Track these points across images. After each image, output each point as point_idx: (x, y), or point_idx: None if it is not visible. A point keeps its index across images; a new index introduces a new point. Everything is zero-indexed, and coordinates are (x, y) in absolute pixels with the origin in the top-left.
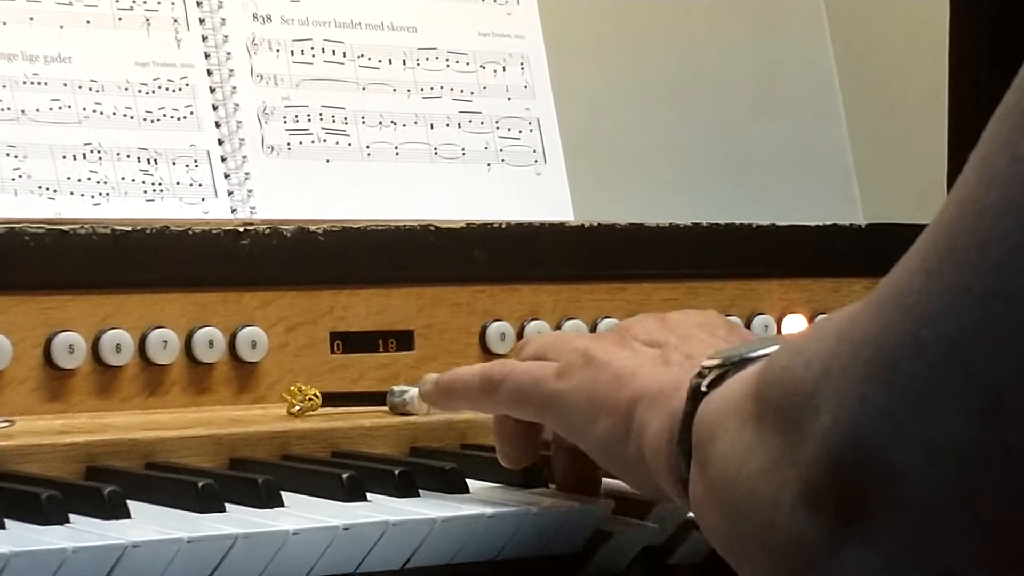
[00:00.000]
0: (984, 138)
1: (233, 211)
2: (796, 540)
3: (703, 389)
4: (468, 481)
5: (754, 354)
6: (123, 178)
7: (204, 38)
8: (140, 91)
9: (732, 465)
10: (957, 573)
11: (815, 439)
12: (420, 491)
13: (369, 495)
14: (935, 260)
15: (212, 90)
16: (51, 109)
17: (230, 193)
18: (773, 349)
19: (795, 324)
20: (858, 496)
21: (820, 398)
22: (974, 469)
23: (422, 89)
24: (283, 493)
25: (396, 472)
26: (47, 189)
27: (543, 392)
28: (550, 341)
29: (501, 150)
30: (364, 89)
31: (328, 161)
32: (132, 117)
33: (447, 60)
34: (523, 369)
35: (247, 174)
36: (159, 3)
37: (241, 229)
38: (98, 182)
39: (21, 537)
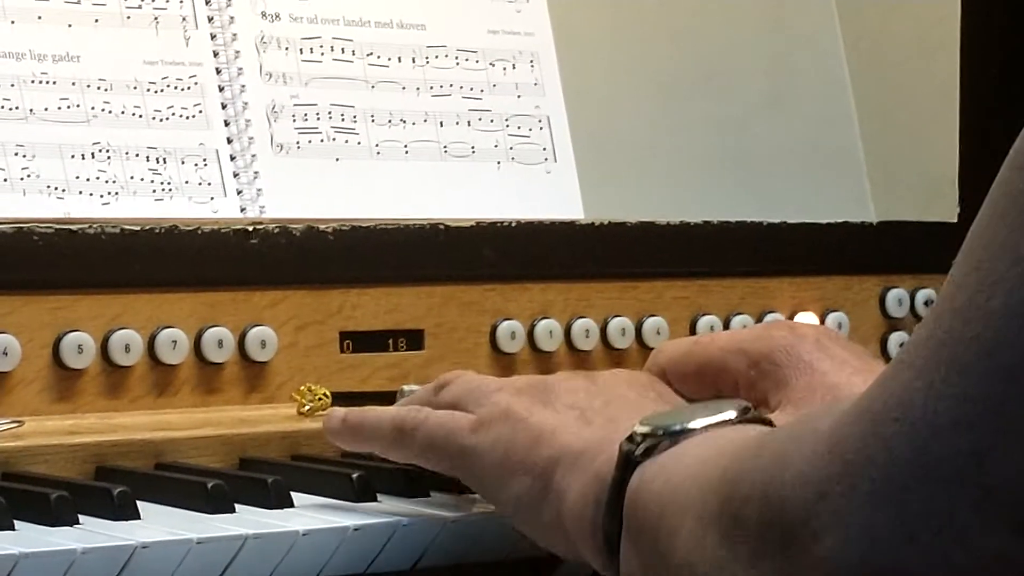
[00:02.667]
0: (973, 243)
1: (242, 210)
2: None
3: (636, 457)
4: None
5: (696, 425)
6: (132, 177)
7: (213, 36)
8: (149, 90)
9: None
10: None
11: (815, 568)
12: (430, 491)
13: (379, 495)
14: (937, 372)
15: (221, 88)
16: (59, 108)
17: (239, 192)
18: (720, 419)
19: (806, 322)
20: None
21: (818, 524)
22: None
23: (431, 87)
24: (293, 493)
25: (406, 472)
26: (56, 188)
27: (456, 446)
28: (468, 390)
29: (511, 148)
30: (373, 87)
31: (337, 160)
32: (141, 116)
33: (456, 58)
34: (437, 420)
35: (256, 173)
36: (167, 1)
37: (250, 228)
38: (107, 181)
39: (30, 538)
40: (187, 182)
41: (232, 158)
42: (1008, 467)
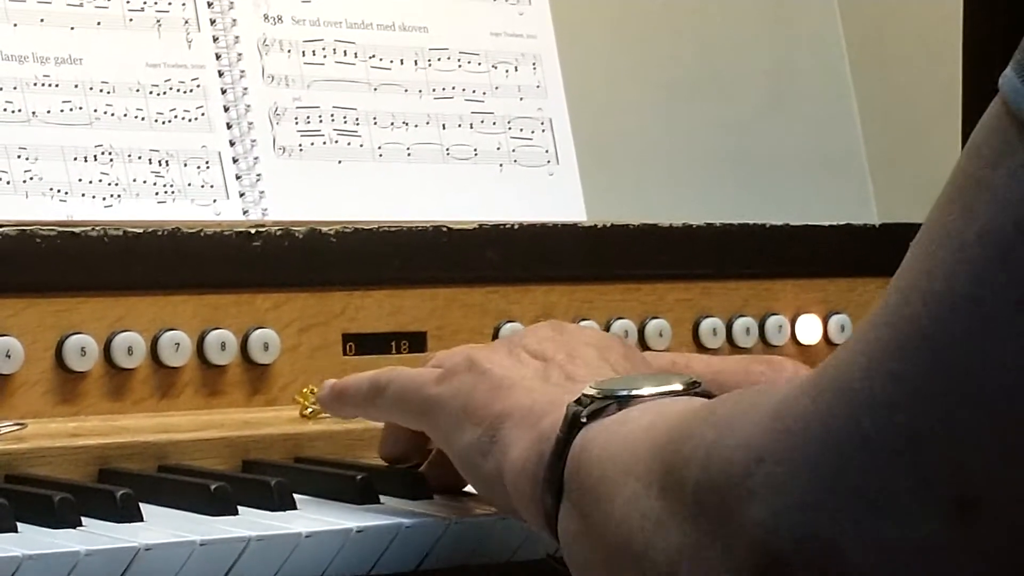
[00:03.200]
0: (926, 225)
1: (245, 212)
2: None
3: (582, 419)
4: None
5: (644, 392)
6: (134, 180)
7: (215, 39)
8: (151, 92)
9: (637, 533)
10: None
11: (748, 530)
12: (433, 493)
13: (382, 497)
14: (877, 349)
15: (223, 91)
16: (62, 111)
17: (242, 194)
18: (667, 389)
19: (809, 324)
20: None
21: (754, 485)
22: (933, 569)
23: (434, 89)
24: (296, 495)
25: (409, 474)
26: (58, 191)
27: (421, 396)
28: (448, 352)
29: (513, 150)
30: (376, 90)
31: (340, 162)
32: (143, 119)
33: (459, 60)
34: (408, 374)
35: (259, 175)
36: (170, 4)
37: (253, 231)
38: (109, 184)
39: (33, 540)
40: (190, 184)
41: (235, 160)
42: (941, 450)
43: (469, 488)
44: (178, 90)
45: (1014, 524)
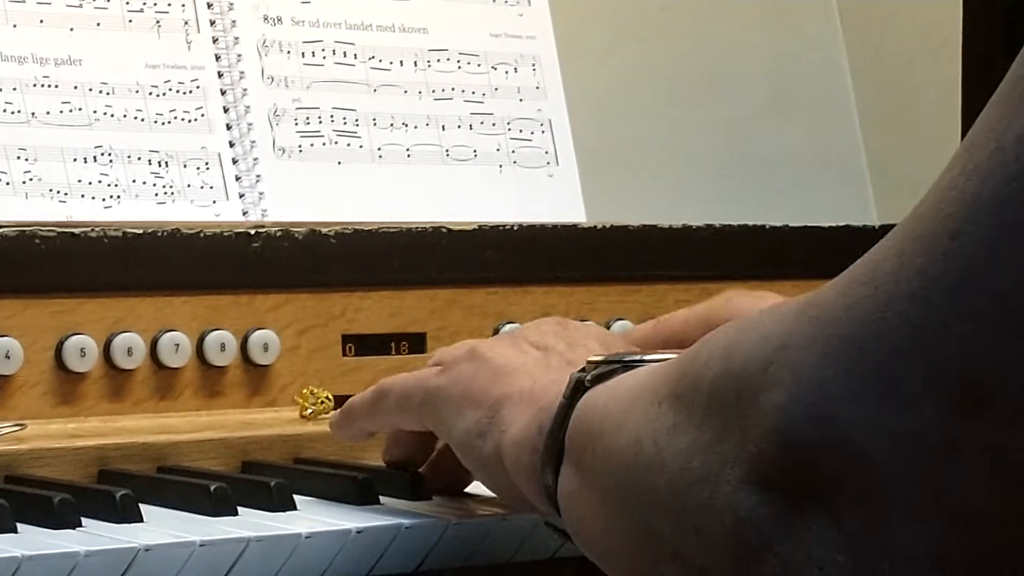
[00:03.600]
0: (974, 127)
1: (244, 213)
2: (742, 519)
3: (586, 383)
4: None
5: (649, 358)
6: (134, 181)
7: (215, 40)
8: (151, 93)
9: (647, 446)
10: (922, 561)
11: (766, 415)
12: (433, 494)
13: (382, 498)
14: (907, 243)
15: (223, 92)
16: (61, 112)
17: (241, 196)
18: (672, 355)
19: None
20: (816, 476)
21: (774, 372)
22: (945, 462)
23: (433, 91)
24: (295, 496)
25: (409, 475)
26: (58, 192)
27: (423, 389)
28: (449, 347)
29: (513, 152)
30: (375, 91)
31: (339, 163)
32: (143, 120)
33: (458, 61)
34: (409, 375)
35: (258, 176)
36: (169, 5)
37: (252, 232)
38: (109, 185)
39: (33, 541)
40: (189, 185)
41: (234, 161)
42: (957, 346)
43: (469, 489)
44: (178, 91)
45: (1022, 421)
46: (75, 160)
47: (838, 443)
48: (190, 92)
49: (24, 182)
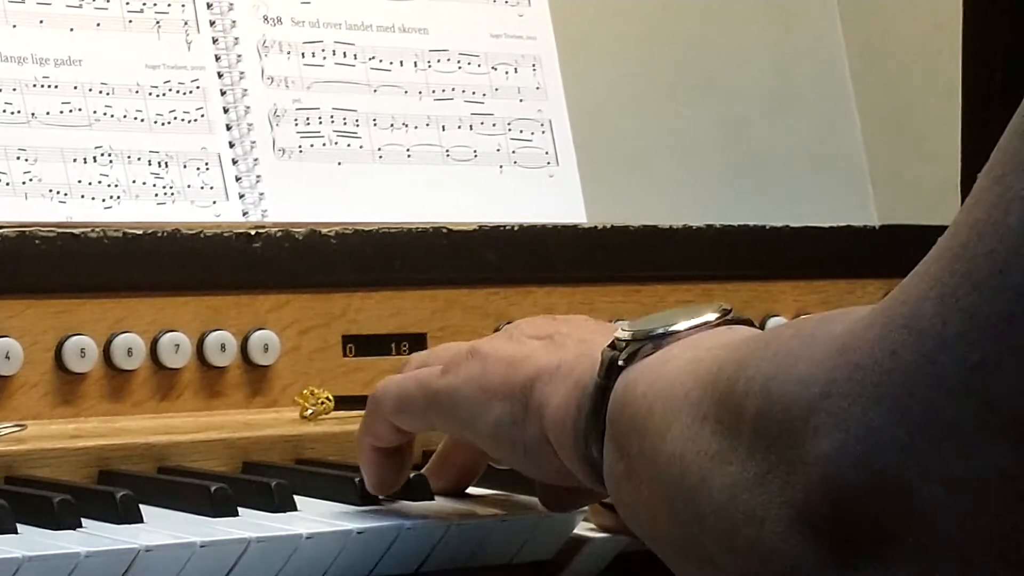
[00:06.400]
0: (998, 157)
1: (245, 214)
2: (790, 567)
3: (620, 363)
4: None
5: (679, 327)
6: (134, 181)
7: (215, 40)
8: (151, 94)
9: (692, 467)
10: None
11: (813, 465)
12: (433, 495)
13: (382, 499)
14: (950, 284)
15: (223, 92)
16: (61, 112)
17: (241, 196)
18: (702, 321)
19: None
20: (867, 526)
21: (819, 422)
22: (1005, 506)
23: (434, 91)
24: (296, 497)
25: (410, 476)
26: (58, 192)
27: (428, 391)
28: (432, 350)
29: (513, 152)
30: (376, 91)
31: (340, 163)
32: (143, 120)
33: (459, 62)
34: (405, 376)
35: (258, 177)
36: (169, 5)
37: (253, 232)
38: (109, 185)
39: (34, 542)
40: (189, 186)
41: (234, 162)
42: (1014, 384)
43: (470, 490)
44: (178, 91)
45: None
46: (75, 160)
47: (891, 492)
48: (190, 92)
49: (24, 183)
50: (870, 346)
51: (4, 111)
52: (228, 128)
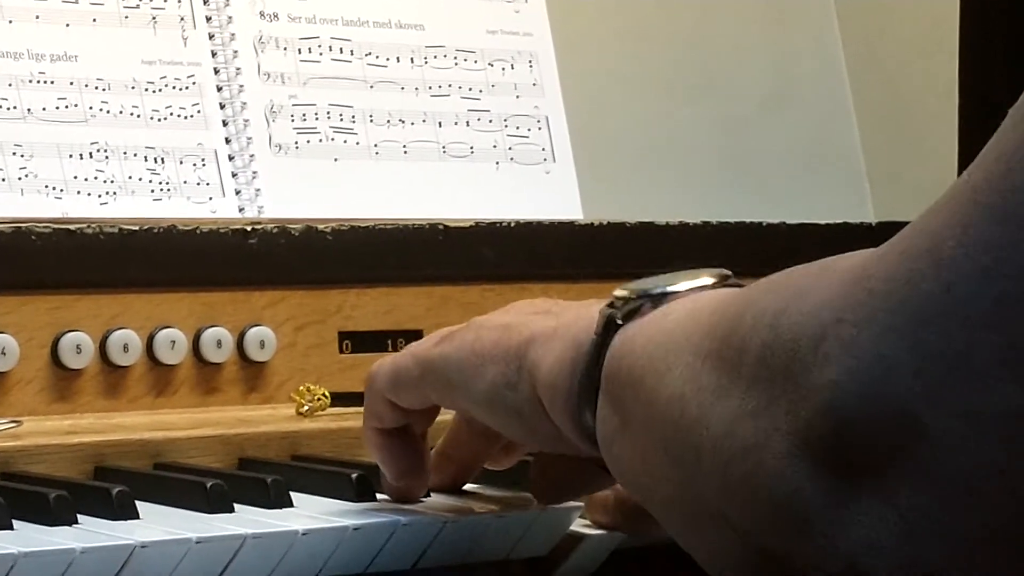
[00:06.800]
0: (1019, 105)
1: (241, 210)
2: (789, 492)
3: (618, 320)
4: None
5: (679, 287)
6: (130, 177)
7: (211, 36)
8: (147, 90)
9: (690, 405)
10: (980, 545)
11: (819, 390)
12: (430, 491)
13: (378, 495)
14: (973, 215)
15: (219, 88)
16: (57, 108)
17: (237, 192)
18: (701, 283)
19: None
20: (870, 454)
21: (828, 348)
22: (1016, 440)
23: (430, 87)
24: (292, 493)
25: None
26: (54, 188)
27: (421, 360)
28: (427, 336)
29: (510, 148)
30: (372, 87)
31: (336, 160)
32: (139, 116)
33: (455, 58)
34: (398, 354)
35: (255, 173)
36: (165, 1)
37: (249, 228)
38: (105, 181)
39: (29, 537)
40: (185, 182)
41: (230, 158)
42: None
43: (466, 487)
44: (174, 87)
45: None
46: (71, 156)
47: (897, 420)
48: (186, 88)
49: (20, 178)
50: (887, 274)
51: (0, 107)
52: (224, 124)
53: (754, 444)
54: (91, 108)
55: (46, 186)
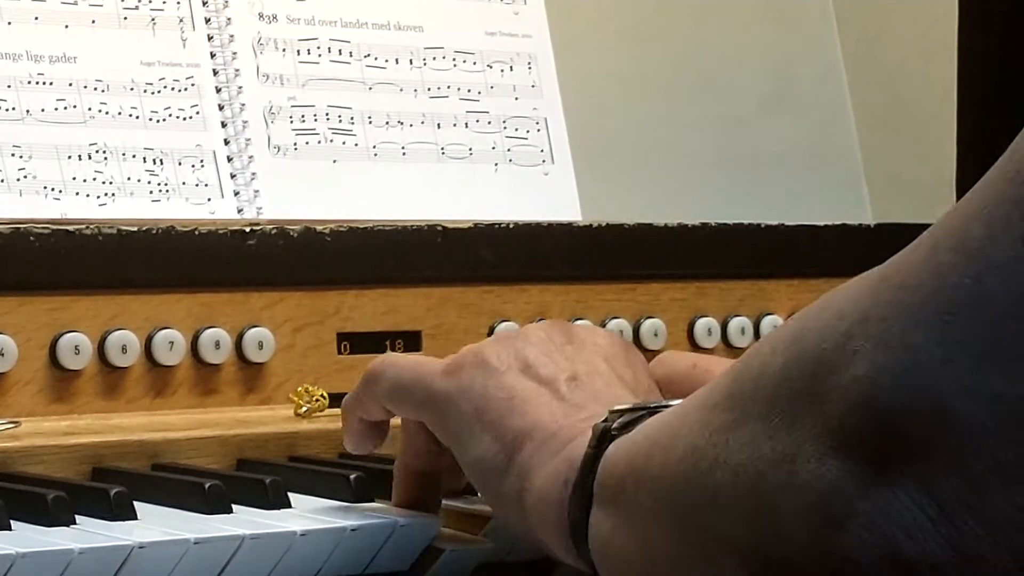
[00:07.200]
0: None
1: (239, 211)
2: (823, 490)
3: (612, 432)
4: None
5: (676, 403)
6: (129, 178)
7: (210, 37)
8: (146, 91)
9: (706, 452)
10: (1018, 527)
11: (848, 389)
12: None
13: (376, 496)
14: (1000, 208)
15: (218, 90)
16: (56, 109)
17: (236, 193)
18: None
19: None
20: (905, 443)
21: (857, 344)
22: None
23: (429, 89)
24: (290, 494)
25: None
26: (52, 189)
27: (426, 387)
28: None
29: (508, 150)
30: (371, 89)
31: (335, 161)
32: (138, 117)
33: (454, 60)
34: (407, 361)
35: (253, 174)
36: (164, 3)
37: (247, 229)
38: (103, 182)
39: (27, 538)
40: (184, 183)
41: (229, 159)
42: None
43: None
44: (173, 89)
45: None
46: (69, 158)
47: (931, 408)
48: (185, 90)
49: (18, 179)
50: (914, 268)
51: None
52: (223, 125)
53: (783, 457)
54: (90, 109)
55: (45, 187)
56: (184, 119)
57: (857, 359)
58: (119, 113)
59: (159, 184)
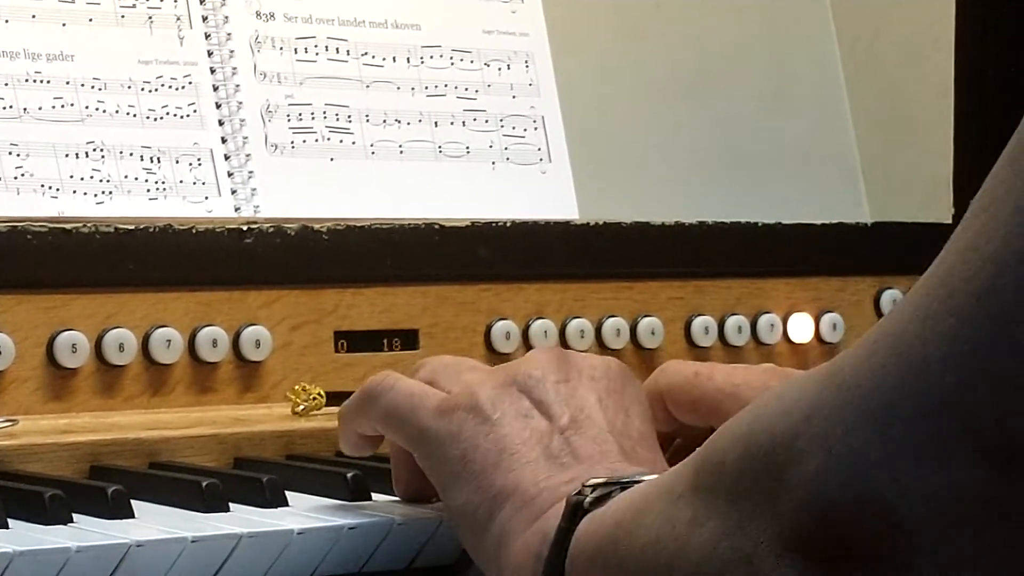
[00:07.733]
0: (987, 185)
1: (237, 210)
2: None
3: (586, 505)
4: None
5: (649, 477)
6: (126, 177)
7: (207, 36)
8: (143, 89)
9: (666, 542)
10: None
11: (799, 487)
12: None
13: (374, 494)
14: (932, 307)
15: (215, 88)
16: (53, 107)
17: (233, 192)
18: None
19: (801, 323)
20: (856, 544)
21: (803, 444)
22: (985, 523)
23: (426, 87)
24: (287, 493)
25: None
26: (50, 188)
27: (417, 424)
28: (443, 366)
29: (506, 148)
30: (368, 87)
31: (332, 159)
32: (135, 115)
33: (451, 58)
34: (405, 389)
35: (250, 172)
36: (162, 1)
37: (245, 228)
38: (101, 181)
39: (24, 536)
40: (181, 181)
41: (227, 158)
42: (992, 408)
43: None
44: (170, 87)
45: None
46: (67, 156)
47: (875, 509)
48: (182, 88)
49: (16, 178)
50: (854, 368)
51: None
52: (220, 124)
53: (740, 557)
54: (87, 107)
55: (42, 185)
56: (181, 117)
57: (804, 459)
58: (116, 111)
59: (156, 182)
